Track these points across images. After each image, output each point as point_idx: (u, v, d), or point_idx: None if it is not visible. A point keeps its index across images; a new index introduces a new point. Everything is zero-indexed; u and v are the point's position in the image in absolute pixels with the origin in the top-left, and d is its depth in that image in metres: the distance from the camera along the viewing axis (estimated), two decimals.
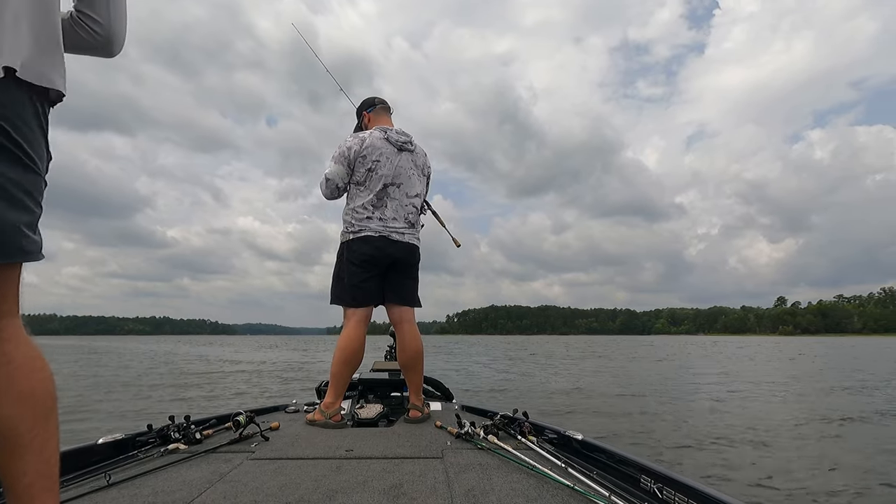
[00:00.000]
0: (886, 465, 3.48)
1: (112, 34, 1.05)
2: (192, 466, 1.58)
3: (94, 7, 1.02)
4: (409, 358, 2.42)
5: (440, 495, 1.31)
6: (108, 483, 1.38)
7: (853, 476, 3.21)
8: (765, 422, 5.19)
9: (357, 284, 2.32)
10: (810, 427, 4.89)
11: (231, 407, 2.92)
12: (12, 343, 0.90)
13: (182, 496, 1.30)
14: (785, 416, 5.57)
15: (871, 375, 10.78)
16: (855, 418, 5.37)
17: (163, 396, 6.86)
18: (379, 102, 2.61)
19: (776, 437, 4.45)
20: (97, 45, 1.05)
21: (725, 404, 6.49)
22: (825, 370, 12.63)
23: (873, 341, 73.98)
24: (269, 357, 19.50)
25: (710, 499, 1.11)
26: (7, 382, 0.87)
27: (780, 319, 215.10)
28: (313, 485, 1.39)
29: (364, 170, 2.35)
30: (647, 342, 54.82)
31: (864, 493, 2.92)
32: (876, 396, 7.23)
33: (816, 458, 3.71)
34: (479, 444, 1.83)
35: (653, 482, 1.31)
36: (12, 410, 0.87)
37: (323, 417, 2.24)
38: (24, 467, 0.87)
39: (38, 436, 0.89)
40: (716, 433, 4.55)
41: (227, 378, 10.49)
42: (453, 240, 2.91)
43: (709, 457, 3.71)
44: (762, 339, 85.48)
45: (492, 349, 28.86)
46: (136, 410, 5.63)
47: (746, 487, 3.02)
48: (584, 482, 1.38)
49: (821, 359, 17.93)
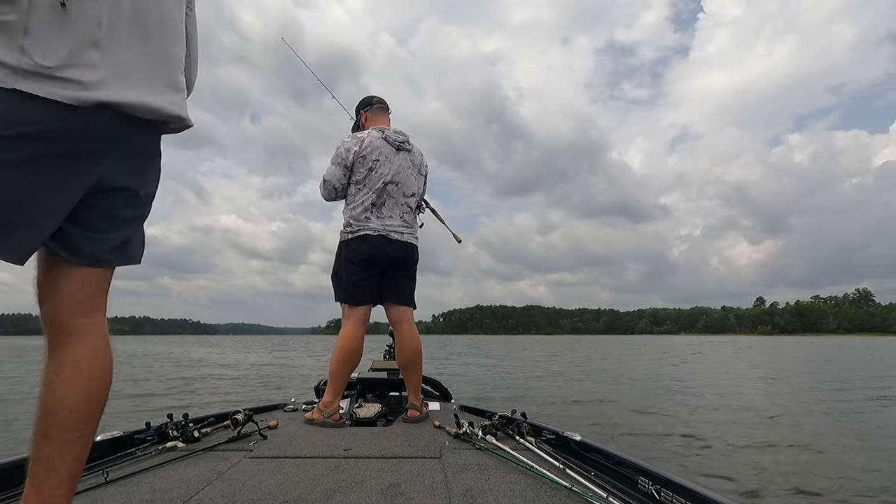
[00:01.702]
0: (874, 460, 3.48)
1: (191, 85, 1.21)
2: (190, 464, 1.58)
3: (185, 65, 1.17)
4: (407, 357, 2.42)
5: (438, 495, 1.31)
6: (105, 480, 1.38)
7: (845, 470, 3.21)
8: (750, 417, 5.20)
9: (356, 283, 2.33)
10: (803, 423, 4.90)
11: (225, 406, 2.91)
12: (102, 340, 0.97)
13: (180, 494, 1.30)
14: (770, 413, 5.61)
15: (852, 374, 10.80)
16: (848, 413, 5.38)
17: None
18: (377, 102, 2.62)
19: (770, 435, 4.45)
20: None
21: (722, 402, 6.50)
22: (817, 371, 12.62)
23: (845, 340, 74.21)
24: (245, 360, 18.82)
25: (707, 500, 1.11)
26: (88, 377, 0.93)
27: (759, 319, 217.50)
28: (311, 484, 1.39)
29: (364, 169, 2.36)
30: (640, 342, 54.77)
31: (860, 491, 2.92)
32: (852, 394, 7.24)
33: (803, 453, 3.71)
34: (477, 445, 1.83)
35: (650, 483, 1.30)
36: (79, 405, 0.91)
37: (321, 416, 2.24)
38: (62, 465, 0.91)
39: (83, 436, 0.93)
40: (721, 432, 4.56)
41: (195, 382, 9.66)
42: (454, 235, 2.91)
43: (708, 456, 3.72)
44: (741, 339, 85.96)
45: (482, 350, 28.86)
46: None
47: (747, 487, 3.02)
48: (582, 483, 1.37)
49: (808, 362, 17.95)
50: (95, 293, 0.97)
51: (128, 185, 0.95)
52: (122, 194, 0.95)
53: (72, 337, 0.93)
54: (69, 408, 0.90)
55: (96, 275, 0.96)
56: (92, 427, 0.95)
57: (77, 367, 0.92)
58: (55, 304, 0.93)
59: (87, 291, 0.95)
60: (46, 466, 0.90)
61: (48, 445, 0.90)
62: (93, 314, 0.96)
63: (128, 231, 0.99)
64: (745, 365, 14.98)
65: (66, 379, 0.91)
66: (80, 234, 0.91)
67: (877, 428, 4.94)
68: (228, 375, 11.35)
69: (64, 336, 0.93)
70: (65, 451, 0.90)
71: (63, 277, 0.93)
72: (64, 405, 0.90)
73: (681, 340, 71.71)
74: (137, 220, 1.02)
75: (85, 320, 0.95)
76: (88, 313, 0.95)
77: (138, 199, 0.99)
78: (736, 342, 54.97)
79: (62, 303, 0.93)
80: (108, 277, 0.99)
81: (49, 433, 0.90)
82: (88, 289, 0.95)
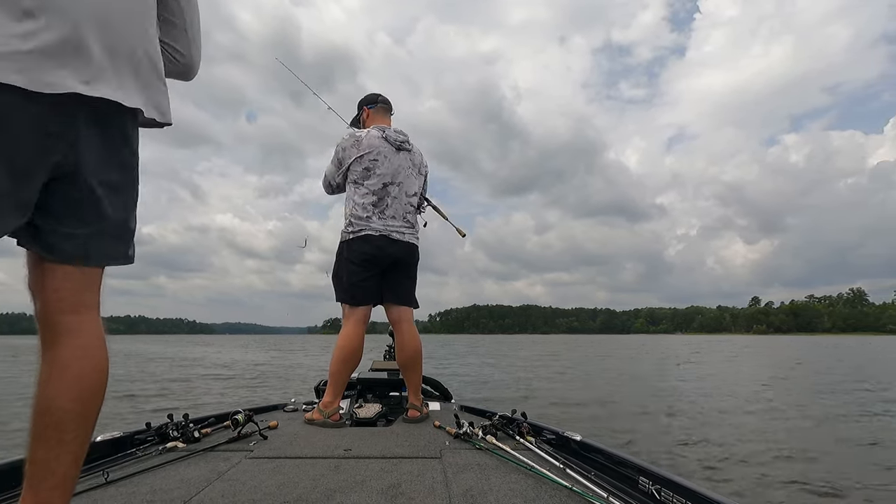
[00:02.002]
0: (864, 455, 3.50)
1: (192, 63, 1.19)
2: (190, 465, 1.58)
3: (177, 40, 1.14)
4: (408, 358, 2.42)
5: (438, 495, 1.31)
6: (106, 481, 1.37)
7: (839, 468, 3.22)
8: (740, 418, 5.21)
9: (356, 283, 2.33)
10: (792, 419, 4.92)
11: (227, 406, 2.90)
12: (93, 338, 0.95)
13: (180, 494, 1.30)
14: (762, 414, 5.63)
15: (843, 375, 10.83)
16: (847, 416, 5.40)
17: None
18: (382, 101, 2.62)
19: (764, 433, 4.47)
20: (178, 71, 1.18)
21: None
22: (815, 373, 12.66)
23: (839, 340, 74.86)
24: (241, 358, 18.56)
25: (707, 500, 1.11)
26: (78, 377, 0.91)
27: (754, 319, 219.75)
28: (311, 484, 1.39)
29: (361, 168, 2.36)
30: (637, 342, 54.69)
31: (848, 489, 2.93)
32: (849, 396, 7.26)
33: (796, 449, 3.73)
34: (477, 445, 1.83)
35: (651, 483, 1.31)
36: (70, 405, 0.89)
37: (321, 417, 2.24)
38: (58, 467, 0.89)
39: (78, 437, 0.91)
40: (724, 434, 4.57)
41: (187, 384, 9.43)
42: (457, 230, 2.93)
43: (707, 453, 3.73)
44: (738, 338, 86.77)
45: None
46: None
47: (747, 487, 3.03)
48: (583, 483, 1.38)
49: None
50: (81, 290, 0.94)
51: (86, 174, 0.90)
52: (83, 185, 0.90)
53: (60, 336, 0.91)
54: (61, 408, 0.89)
55: (80, 272, 0.94)
56: (86, 428, 0.93)
57: (66, 366, 0.91)
58: (42, 301, 0.92)
59: (72, 288, 0.93)
60: (42, 468, 0.89)
61: (43, 447, 0.88)
62: (81, 312, 0.94)
63: (100, 225, 0.94)
64: (748, 365, 15.02)
65: (56, 379, 0.90)
66: (51, 230, 0.89)
67: (881, 430, 4.94)
68: (224, 375, 11.27)
69: (53, 335, 0.91)
70: (60, 452, 0.89)
71: (48, 275, 0.92)
72: (56, 405, 0.89)
73: (678, 340, 72.14)
74: (113, 213, 0.96)
75: (73, 318, 0.93)
76: (76, 311, 0.93)
77: (104, 191, 0.94)
78: (733, 341, 55.20)
79: (48, 300, 0.92)
80: (94, 274, 0.97)
81: (43, 434, 0.88)
82: (73, 286, 0.93)
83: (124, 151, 0.98)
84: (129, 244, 1.02)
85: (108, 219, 0.96)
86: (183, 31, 1.14)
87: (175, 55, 1.15)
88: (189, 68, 1.19)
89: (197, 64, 1.20)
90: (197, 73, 1.22)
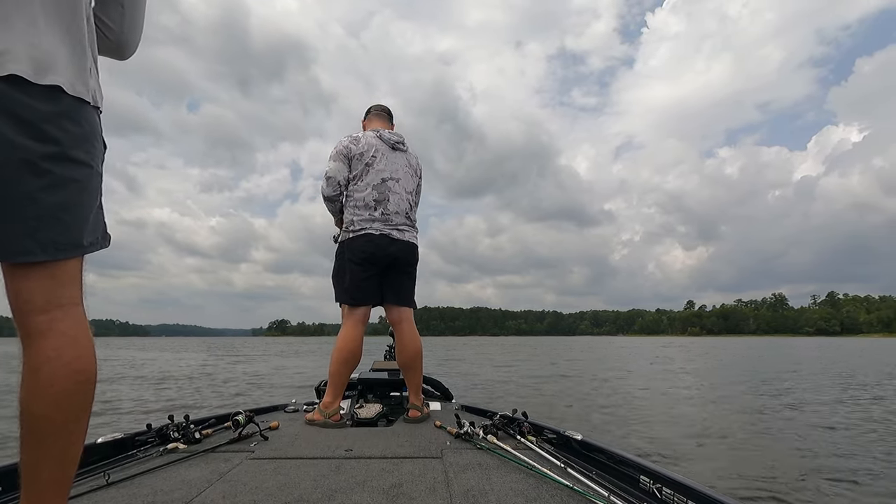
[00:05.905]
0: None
1: (124, 41, 1.09)
2: (191, 466, 1.58)
3: (108, 13, 1.05)
4: (408, 358, 2.42)
5: (439, 495, 1.31)
6: (107, 482, 1.37)
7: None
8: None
9: (357, 283, 2.33)
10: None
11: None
12: (66, 338, 0.88)
13: (181, 495, 1.30)
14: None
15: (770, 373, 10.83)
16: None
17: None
18: (374, 109, 2.68)
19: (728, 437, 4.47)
20: (108, 48, 1.09)
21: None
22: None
23: (761, 341, 76.88)
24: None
25: (708, 499, 1.11)
26: (49, 382, 0.85)
27: (688, 321, 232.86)
28: (312, 484, 1.39)
29: (362, 165, 2.38)
30: (585, 343, 54.46)
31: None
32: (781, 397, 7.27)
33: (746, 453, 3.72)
34: (478, 444, 1.83)
35: (652, 482, 1.31)
36: (43, 410, 0.85)
37: (322, 417, 2.24)
38: (42, 471, 0.87)
39: (58, 442, 0.87)
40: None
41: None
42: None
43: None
44: (676, 339, 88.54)
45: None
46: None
47: (746, 487, 3.02)
48: (584, 482, 1.38)
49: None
50: (51, 287, 0.87)
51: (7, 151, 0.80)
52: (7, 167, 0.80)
53: (30, 338, 0.86)
54: (35, 414, 0.84)
55: (42, 269, 0.86)
56: (67, 434, 0.88)
57: (36, 371, 0.85)
58: (9, 303, 0.87)
59: (36, 287, 0.86)
60: (30, 473, 0.87)
61: (27, 452, 0.86)
62: (50, 311, 0.87)
63: (38, 209, 0.83)
64: (696, 365, 14.92)
65: (27, 383, 0.85)
66: None
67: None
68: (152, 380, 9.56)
69: (25, 338, 0.86)
70: (42, 457, 0.86)
71: (7, 275, 0.86)
72: (30, 412, 0.84)
73: (622, 341, 73.89)
74: (48, 197, 0.84)
75: (41, 318, 0.86)
76: (45, 310, 0.87)
77: (29, 170, 0.82)
78: (672, 342, 56.12)
79: (13, 301, 0.87)
80: (63, 269, 0.89)
81: (24, 440, 0.85)
82: (36, 284, 0.86)
83: (46, 127, 0.83)
84: (83, 230, 0.91)
85: (45, 205, 0.84)
86: (117, 4, 1.05)
87: (104, 30, 1.05)
88: (121, 45, 1.10)
89: (132, 42, 1.11)
90: (134, 53, 1.13)
